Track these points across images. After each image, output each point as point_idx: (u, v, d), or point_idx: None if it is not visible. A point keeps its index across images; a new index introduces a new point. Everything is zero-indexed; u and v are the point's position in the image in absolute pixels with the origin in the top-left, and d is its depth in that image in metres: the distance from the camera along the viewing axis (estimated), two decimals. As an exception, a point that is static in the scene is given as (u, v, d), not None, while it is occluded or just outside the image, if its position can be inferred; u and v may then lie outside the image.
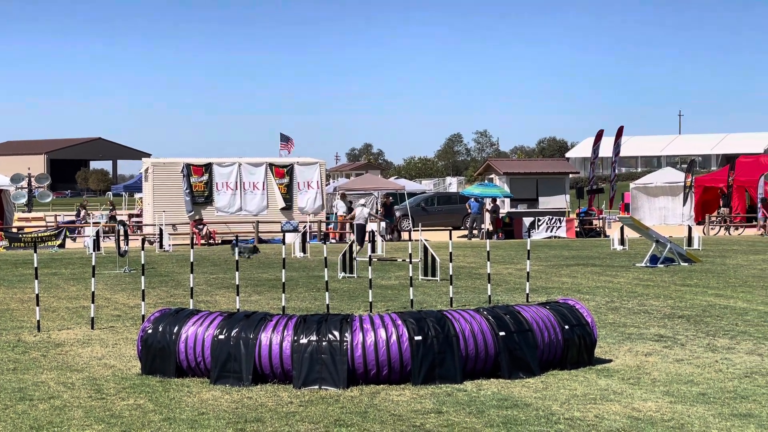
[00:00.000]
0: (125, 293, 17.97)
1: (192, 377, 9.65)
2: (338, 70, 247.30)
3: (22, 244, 33.43)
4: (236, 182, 37.84)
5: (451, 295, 15.23)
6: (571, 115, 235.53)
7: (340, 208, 40.06)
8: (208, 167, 37.77)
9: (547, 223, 39.38)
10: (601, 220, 42.52)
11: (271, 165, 38.47)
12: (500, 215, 39.85)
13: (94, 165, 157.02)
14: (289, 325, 9.48)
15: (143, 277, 13.72)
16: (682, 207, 47.53)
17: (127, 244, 23.91)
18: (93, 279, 13.76)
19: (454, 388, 9.18)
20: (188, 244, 16.81)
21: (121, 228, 24.58)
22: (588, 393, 8.96)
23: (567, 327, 10.21)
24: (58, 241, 34.27)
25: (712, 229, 43.70)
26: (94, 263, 13.73)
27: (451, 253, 15.54)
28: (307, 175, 38.67)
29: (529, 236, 26.58)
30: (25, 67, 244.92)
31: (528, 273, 14.54)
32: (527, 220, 39.13)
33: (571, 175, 45.79)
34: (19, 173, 41.67)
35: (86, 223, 41.26)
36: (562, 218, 39.98)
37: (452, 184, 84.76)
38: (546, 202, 41.95)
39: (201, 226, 35.78)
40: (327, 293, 14.27)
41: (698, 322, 13.72)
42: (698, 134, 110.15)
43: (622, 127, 46.86)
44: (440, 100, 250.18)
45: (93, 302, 13.70)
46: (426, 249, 20.06)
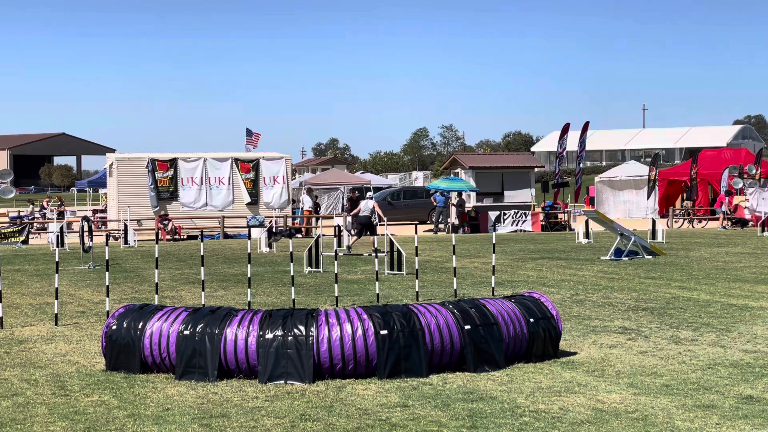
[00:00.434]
0: (89, 289, 17.83)
1: (157, 373, 9.60)
2: (304, 64, 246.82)
3: (-16, 241, 33.08)
4: (202, 177, 37.66)
5: (417, 289, 15.25)
6: (537, 110, 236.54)
7: (306, 203, 39.99)
8: (173, 162, 37.56)
9: (512, 217, 39.54)
10: (566, 214, 42.74)
11: (236, 160, 38.32)
12: (466, 209, 39.95)
13: (58, 160, 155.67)
14: (254, 320, 9.45)
15: (107, 273, 13.62)
16: (646, 200, 47.86)
17: (92, 240, 23.72)
18: (57, 275, 13.64)
19: (419, 381, 9.19)
20: (153, 240, 16.70)
21: (86, 224, 24.38)
22: (553, 385, 9.01)
23: (532, 320, 10.26)
24: (22, 237, 33.93)
25: (675, 222, 44.08)
26: (57, 259, 13.62)
27: (416, 247, 15.57)
28: (272, 170, 38.55)
29: (495, 230, 26.69)
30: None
31: (494, 266, 14.59)
32: (493, 214, 39.26)
33: (536, 169, 45.89)
34: (-19, 169, 41.21)
35: (35, 219, 40.95)
36: (527, 212, 40.14)
37: (418, 178, 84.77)
38: (511, 196, 42.07)
39: (166, 222, 35.59)
40: (293, 288, 14.24)
41: (662, 314, 13.84)
42: (662, 128, 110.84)
43: (587, 123, 47.17)
44: (406, 94, 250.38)
45: (57, 298, 13.59)
46: (392, 243, 20.07)
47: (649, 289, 17.09)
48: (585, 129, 47.21)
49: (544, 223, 40.82)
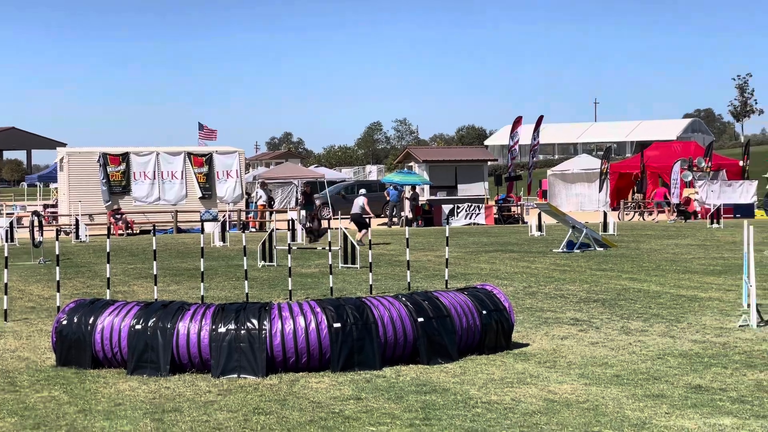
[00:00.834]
0: (40, 284, 17.63)
1: (108, 368, 9.52)
2: (258, 58, 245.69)
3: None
4: (154, 171, 37.39)
5: (371, 283, 15.27)
6: (490, 104, 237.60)
7: (261, 197, 39.84)
8: (125, 156, 37.24)
9: (466, 210, 39.69)
10: (519, 207, 42.99)
11: (189, 154, 38.09)
12: (419, 202, 40.04)
13: (8, 155, 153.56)
14: (207, 314, 9.40)
15: (58, 268, 13.47)
16: (598, 193, 48.29)
17: (42, 235, 23.45)
18: (6, 270, 13.47)
19: (373, 374, 9.20)
20: (105, 235, 16.48)
21: (36, 219, 24.09)
22: (505, 377, 9.07)
23: (485, 312, 10.31)
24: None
25: (626, 214, 44.49)
26: (6, 254, 13.44)
27: (370, 241, 15.58)
28: (226, 164, 38.38)
29: (448, 223, 26.78)
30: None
31: (447, 259, 14.64)
32: (446, 208, 39.38)
33: (489, 163, 46.11)
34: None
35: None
36: (480, 205, 40.32)
37: (372, 172, 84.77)
38: (465, 190, 42.25)
39: (118, 216, 35.27)
40: (246, 282, 14.19)
41: (613, 305, 13.97)
42: (613, 122, 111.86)
43: (542, 117, 47.41)
44: (360, 88, 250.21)
45: (6, 294, 13.42)
46: (345, 237, 20.07)
47: (600, 280, 17.24)
48: (539, 123, 47.49)
49: (497, 216, 41.03)
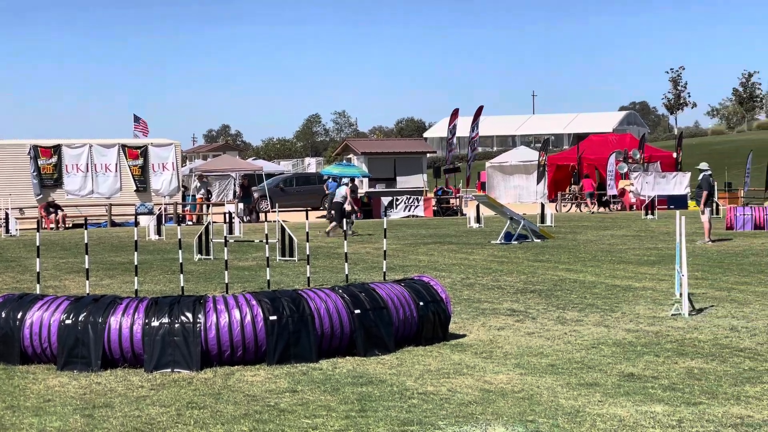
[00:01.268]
0: (-31, 280, 17.26)
1: (38, 364, 9.32)
2: (196, 50, 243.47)
3: None
4: (87, 164, 36.85)
5: (309, 275, 15.20)
6: (429, 96, 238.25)
7: (199, 189, 39.51)
8: (56, 149, 36.66)
9: (405, 203, 39.77)
10: (457, 199, 43.17)
11: (123, 146, 37.61)
12: (358, 195, 40.01)
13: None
14: (139, 308, 9.26)
15: (-13, 263, 13.20)
16: (536, 185, 48.69)
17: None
18: (-67, 265, 13.16)
19: (309, 366, 9.14)
20: (36, 229, 16.07)
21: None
22: (442, 368, 9.06)
23: (422, 303, 10.30)
24: None
25: (564, 206, 44.91)
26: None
27: (308, 233, 15.49)
28: (162, 156, 37.96)
29: (386, 215, 26.75)
30: None
31: (385, 251, 14.61)
32: (385, 200, 39.42)
33: (428, 155, 46.25)
34: None
35: None
36: (419, 197, 40.42)
37: (311, 164, 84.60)
38: (404, 182, 42.32)
39: (52, 209, 34.69)
40: (181, 275, 14.03)
41: (549, 296, 14.06)
42: (551, 114, 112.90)
43: (481, 107, 47.62)
44: (298, 81, 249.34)
45: (-67, 289, 13.11)
46: (283, 229, 19.96)
47: (537, 271, 17.36)
48: (478, 114, 47.70)
49: (436, 208, 41.19)
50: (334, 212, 28.21)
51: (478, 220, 31.66)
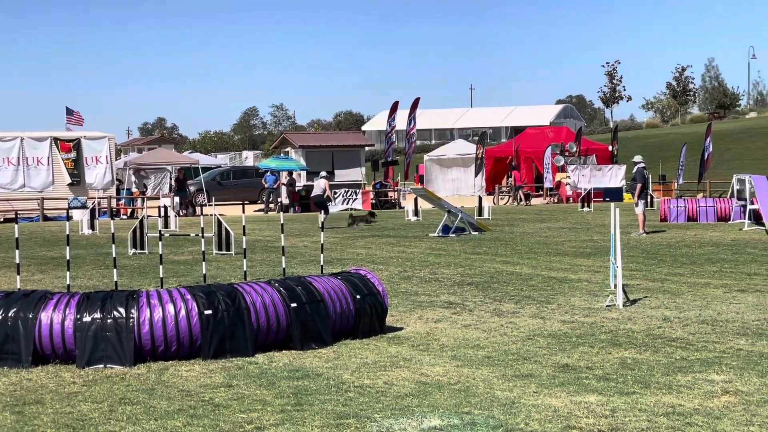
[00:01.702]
0: None
1: (-33, 361, 9.12)
2: (130, 41, 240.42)
3: None
4: (18, 157, 36.16)
5: (245, 269, 15.09)
6: (368, 90, 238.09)
7: (136, 183, 39.08)
8: (-13, 142, 35.94)
9: (343, 196, 39.69)
10: (396, 192, 43.22)
11: (56, 139, 36.98)
12: (296, 188, 39.87)
13: None
14: (71, 303, 9.11)
15: None
16: (473, 178, 48.92)
17: None
18: None
19: (245, 361, 9.07)
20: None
21: None
22: (378, 361, 9.05)
23: (359, 297, 10.28)
24: None
25: (501, 199, 45.20)
26: None
27: (244, 227, 15.38)
28: (95, 149, 37.38)
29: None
30: None
31: (322, 245, 14.56)
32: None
33: (366, 148, 46.23)
34: None
35: None
36: (358, 190, 40.38)
37: (248, 158, 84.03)
38: (342, 175, 42.27)
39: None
40: (115, 270, 13.84)
41: (486, 288, 14.13)
42: (489, 107, 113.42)
43: (418, 99, 47.63)
44: (235, 73, 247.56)
45: None
46: (220, 223, 19.80)
47: (474, 264, 17.43)
48: (415, 106, 47.72)
49: (374, 201, 41.17)
50: (316, 206, 28.54)
51: (416, 213, 31.73)
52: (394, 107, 46.91)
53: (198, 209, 38.48)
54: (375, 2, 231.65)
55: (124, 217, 36.70)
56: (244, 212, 16.69)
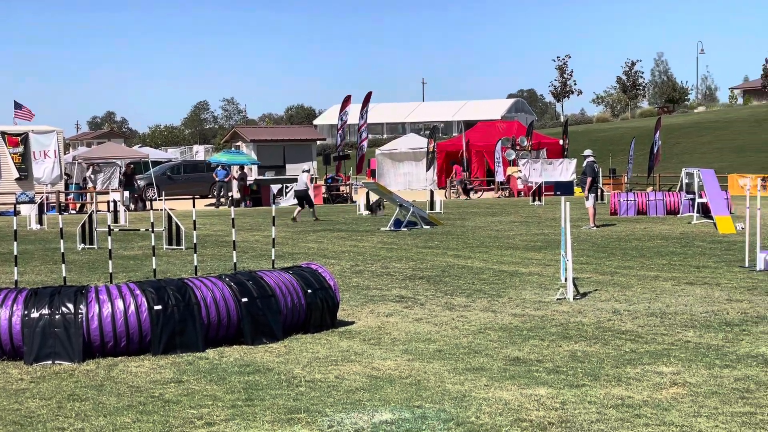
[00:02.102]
0: None
1: None
2: (78, 33, 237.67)
3: None
4: (-36, 152, 35.63)
5: (196, 264, 14.99)
6: (319, 83, 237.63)
7: (93, 178, 38.64)
8: (-66, 136, 35.35)
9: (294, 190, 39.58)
10: (347, 186, 43.18)
11: (3, 133, 36.46)
12: (248, 183, 39.68)
13: None
14: (18, 299, 8.98)
15: None
16: (425, 172, 49.01)
17: None
18: None
19: (195, 356, 9.02)
20: None
21: None
22: (330, 355, 9.04)
23: (310, 291, 10.25)
24: None
25: (453, 193, 45.34)
26: None
27: (195, 221, 15.28)
28: (43, 143, 36.91)
29: (274, 203, 26.62)
30: None
31: (273, 239, 14.50)
32: (275, 187, 39.17)
33: (318, 142, 46.11)
34: None
35: None
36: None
37: (199, 152, 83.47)
38: (293, 169, 42.12)
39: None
40: (63, 265, 13.68)
41: (438, 282, 14.16)
42: (440, 101, 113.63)
43: (370, 93, 47.61)
44: (186, 67, 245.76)
45: None
46: (170, 218, 19.65)
47: (426, 258, 17.47)
48: (367, 100, 47.69)
49: (326, 195, 41.10)
50: (298, 200, 29.07)
51: (368, 207, 31.73)
52: (346, 101, 46.84)
53: (148, 204, 38.16)
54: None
55: (73, 211, 36.29)
56: (194, 207, 16.57)
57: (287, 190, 39.25)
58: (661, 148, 50.56)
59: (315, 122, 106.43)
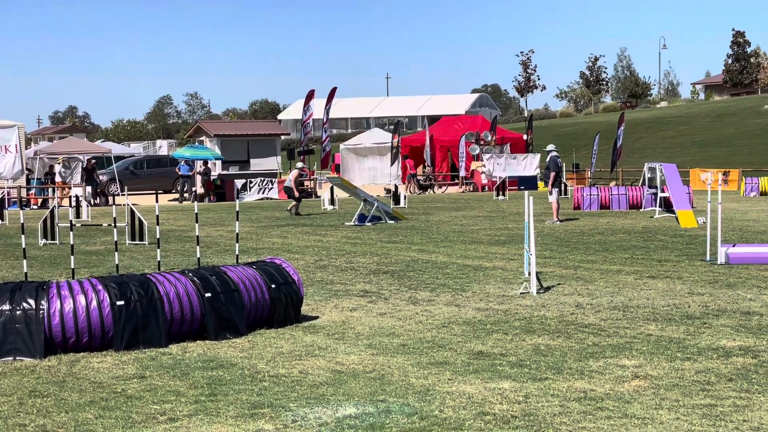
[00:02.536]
0: None
1: None
2: (40, 26, 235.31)
3: None
4: (-74, 147, 35.13)
5: (159, 259, 14.91)
6: (284, 78, 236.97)
7: (62, 173, 38.28)
8: None
9: (259, 185, 39.46)
10: (312, 181, 43.10)
11: (-36, 128, 35.99)
12: (211, 177, 39.50)
13: None
14: (-22, 295, 8.88)
15: None
16: (390, 167, 49.02)
17: None
18: None
19: (158, 352, 8.97)
20: None
21: None
22: (294, 350, 9.02)
23: (274, 286, 10.23)
24: None
25: (408, 188, 45.39)
26: None
27: (158, 216, 15.19)
28: (4, 138, 36.42)
29: (238, 198, 26.53)
30: None
31: (237, 234, 14.44)
32: (239, 182, 39.03)
33: (282, 137, 45.97)
34: None
35: None
36: (273, 180, 40.18)
37: (162, 147, 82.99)
38: (257, 164, 41.99)
39: None
40: (25, 261, 13.54)
41: (402, 276, 14.18)
42: (405, 96, 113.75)
43: (334, 89, 47.51)
44: (149, 61, 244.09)
45: None
46: (133, 213, 19.52)
47: (390, 252, 17.48)
48: (332, 95, 47.62)
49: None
50: (286, 192, 29.58)
51: (332, 202, 31.69)
52: (310, 96, 46.69)
53: (110, 199, 37.88)
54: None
55: (35, 207, 35.95)
56: (157, 202, 16.47)
57: (251, 185, 39.11)
58: (624, 143, 50.91)
59: (279, 117, 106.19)
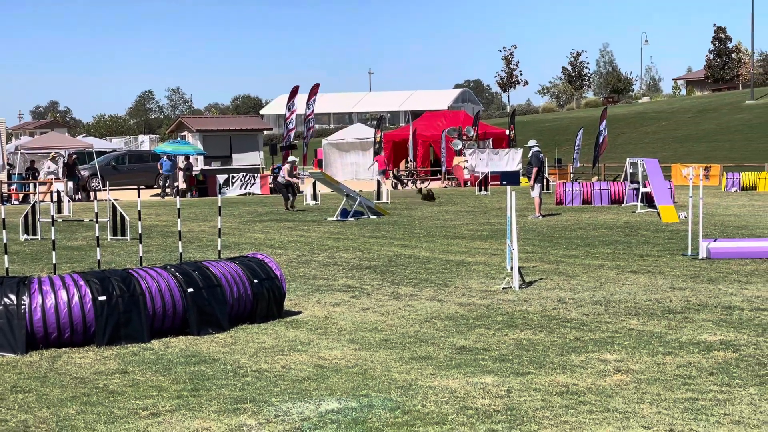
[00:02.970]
0: None
1: None
2: (21, 21, 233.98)
3: None
4: None
5: (141, 254, 14.87)
6: (266, 73, 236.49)
7: (49, 168, 38.08)
8: None
9: (241, 180, 39.37)
10: (294, 176, 43.00)
11: (-56, 123, 35.81)
12: (194, 173, 39.39)
13: None
14: (-41, 291, 8.84)
15: None
16: (372, 162, 49.00)
17: None
18: None
19: (141, 347, 8.95)
20: None
21: None
22: (276, 345, 9.02)
23: (256, 281, 10.22)
24: None
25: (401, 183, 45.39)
26: None
27: (140, 212, 15.14)
28: (-15, 133, 36.29)
29: (220, 192, 26.47)
30: None
31: (219, 229, 14.43)
32: (221, 177, 38.94)
33: (264, 132, 45.86)
34: None
35: None
36: (256, 175, 40.10)
37: (144, 142, 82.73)
38: (240, 159, 41.89)
39: None
40: (6, 256, 13.48)
41: (384, 271, 14.18)
42: (387, 91, 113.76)
43: (317, 85, 47.45)
44: (131, 56, 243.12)
45: None
46: (114, 208, 19.45)
47: (372, 248, 17.48)
48: (314, 91, 47.53)
49: (272, 185, 40.92)
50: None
51: (314, 197, 31.66)
52: (294, 91, 46.60)
53: (92, 194, 37.70)
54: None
55: (16, 202, 35.77)
56: (139, 197, 16.41)
57: (233, 181, 39.02)
58: (607, 139, 51.06)
59: (261, 112, 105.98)
